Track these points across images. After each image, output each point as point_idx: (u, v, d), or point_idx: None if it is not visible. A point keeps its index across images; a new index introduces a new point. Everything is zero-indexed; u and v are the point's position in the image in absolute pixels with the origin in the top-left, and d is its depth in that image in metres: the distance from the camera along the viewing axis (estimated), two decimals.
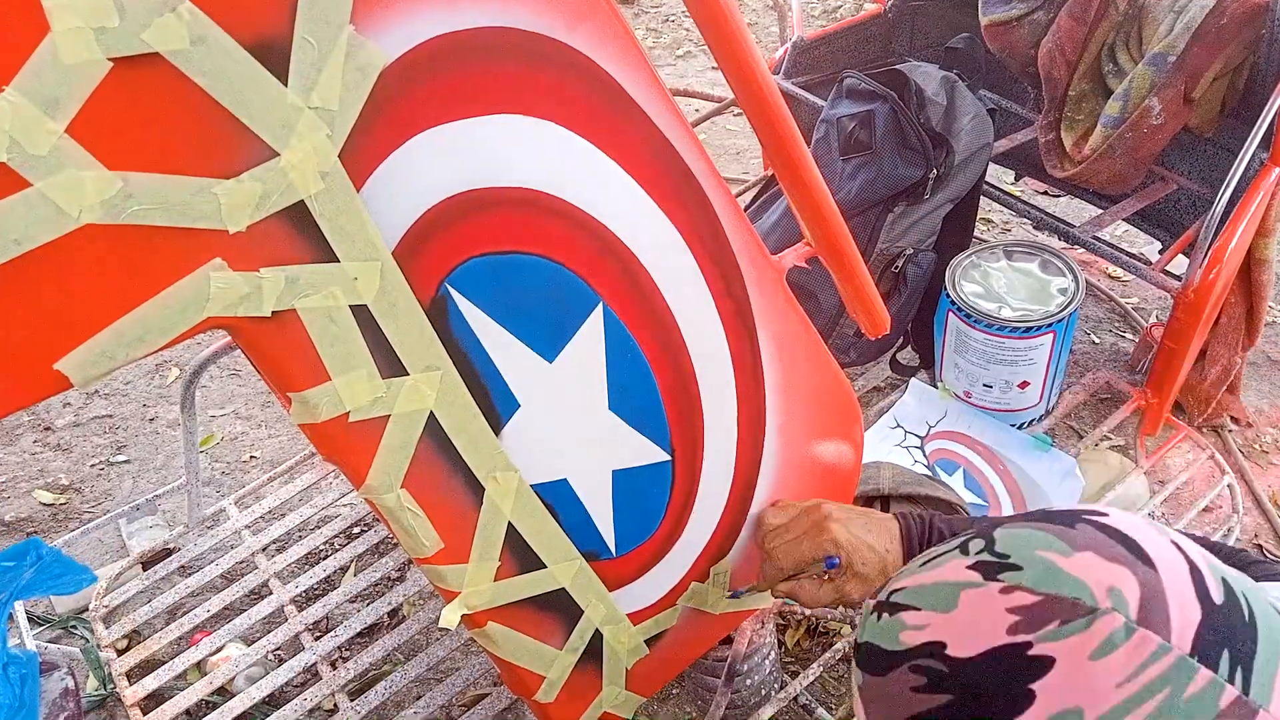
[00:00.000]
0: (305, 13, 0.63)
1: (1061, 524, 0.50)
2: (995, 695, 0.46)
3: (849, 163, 1.73)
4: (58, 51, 0.55)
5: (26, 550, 1.24)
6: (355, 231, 0.72)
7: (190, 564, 1.76)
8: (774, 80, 0.91)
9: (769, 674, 1.50)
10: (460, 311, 0.81)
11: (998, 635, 0.46)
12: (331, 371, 0.74)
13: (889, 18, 2.37)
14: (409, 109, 0.72)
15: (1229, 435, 2.11)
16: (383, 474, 0.81)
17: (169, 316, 0.65)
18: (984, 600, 0.48)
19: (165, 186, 0.62)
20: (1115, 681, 0.44)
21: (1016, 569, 0.48)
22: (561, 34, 0.77)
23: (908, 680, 0.49)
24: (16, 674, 1.22)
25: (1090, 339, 2.36)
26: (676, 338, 0.97)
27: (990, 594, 0.48)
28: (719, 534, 1.13)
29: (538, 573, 0.98)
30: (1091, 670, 0.44)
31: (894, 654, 0.50)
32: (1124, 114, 1.84)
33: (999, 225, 2.80)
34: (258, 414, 2.31)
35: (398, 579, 1.82)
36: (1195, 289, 1.70)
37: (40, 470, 2.19)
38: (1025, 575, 0.48)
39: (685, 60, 3.86)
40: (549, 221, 0.84)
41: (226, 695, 1.58)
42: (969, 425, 1.88)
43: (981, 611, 0.48)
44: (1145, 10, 1.87)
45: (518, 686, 1.06)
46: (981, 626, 0.47)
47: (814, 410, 1.14)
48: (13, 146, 0.56)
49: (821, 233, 1.03)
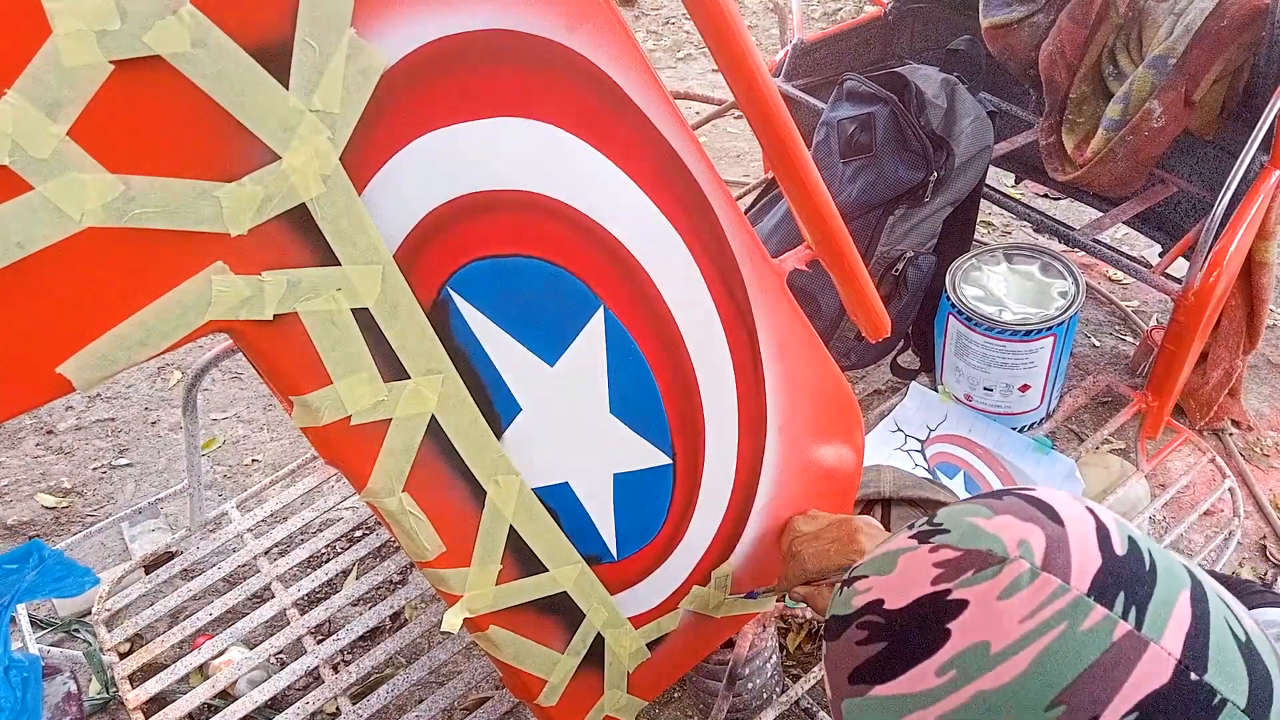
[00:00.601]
0: (306, 15, 0.64)
1: (993, 498, 0.56)
2: (918, 637, 0.51)
3: (849, 165, 1.73)
4: (59, 54, 0.55)
5: (28, 553, 1.23)
6: (357, 234, 0.72)
7: (192, 567, 1.76)
8: (774, 83, 0.92)
9: (771, 678, 1.50)
10: (461, 314, 0.81)
11: (924, 586, 0.52)
12: (333, 375, 0.74)
13: (889, 20, 2.38)
14: (410, 112, 0.72)
15: (1230, 439, 2.11)
16: (384, 477, 0.81)
17: (171, 320, 0.65)
18: (916, 560, 0.54)
19: (167, 190, 0.62)
20: (1019, 617, 0.48)
21: (946, 532, 0.54)
22: (561, 36, 0.78)
23: (854, 636, 0.54)
24: (18, 677, 1.22)
25: (1091, 342, 2.36)
26: (677, 341, 0.97)
27: (921, 554, 0.54)
28: (720, 537, 1.13)
29: (539, 576, 0.97)
30: (999, 609, 0.49)
31: (845, 618, 0.56)
32: (1125, 117, 1.84)
33: (999, 228, 2.80)
34: (260, 417, 2.31)
35: (400, 582, 1.82)
36: (1196, 292, 1.70)
37: (43, 474, 2.19)
38: (951, 536, 0.54)
39: (686, 63, 3.87)
40: (550, 224, 0.84)
41: (228, 699, 1.58)
42: (969, 428, 1.88)
43: (913, 568, 0.53)
44: (1145, 13, 1.87)
45: (520, 690, 1.06)
46: (911, 581, 0.53)
47: (815, 413, 1.14)
48: (14, 149, 0.56)
49: (822, 235, 1.04)
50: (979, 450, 1.84)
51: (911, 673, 0.50)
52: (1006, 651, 0.48)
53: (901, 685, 0.51)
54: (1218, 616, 0.49)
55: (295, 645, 1.65)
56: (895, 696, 0.51)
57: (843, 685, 0.55)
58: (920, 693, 0.50)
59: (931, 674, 0.50)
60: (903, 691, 0.51)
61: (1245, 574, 1.85)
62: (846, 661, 0.54)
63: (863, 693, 0.53)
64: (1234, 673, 0.47)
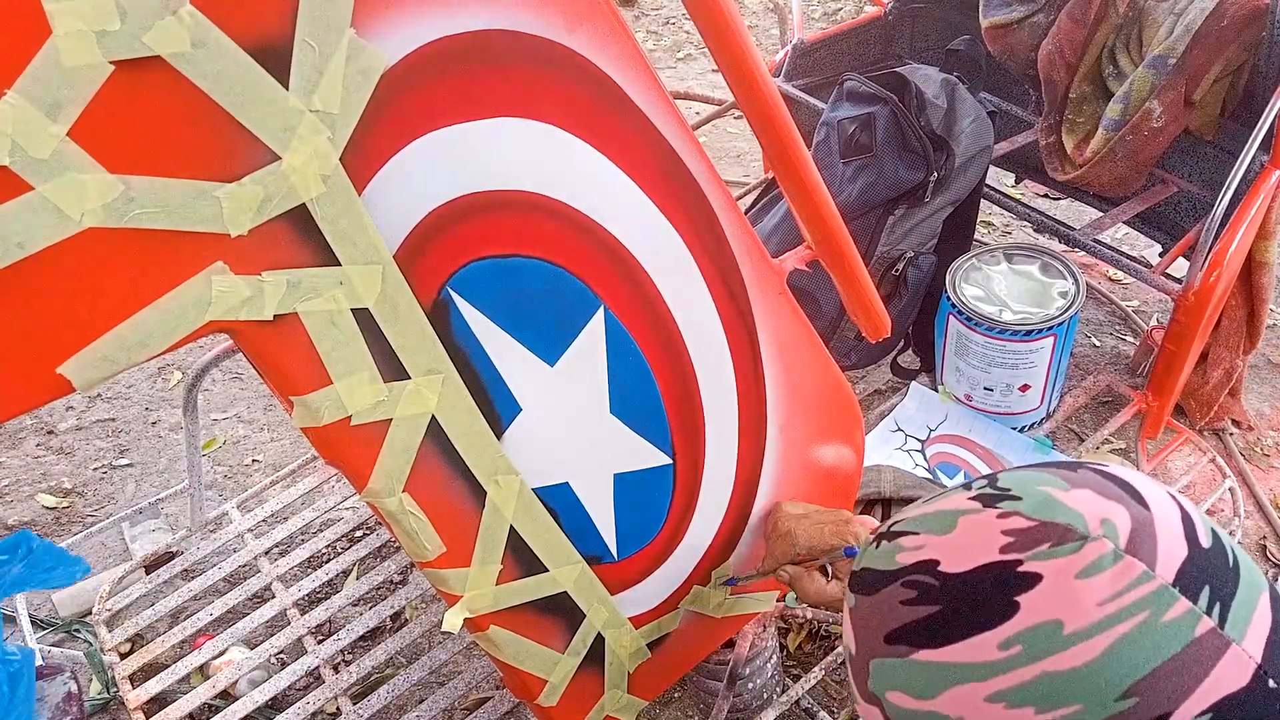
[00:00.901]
0: (306, 16, 0.64)
1: (1065, 469, 0.53)
2: (981, 606, 0.48)
3: (849, 165, 1.73)
4: (59, 54, 0.55)
5: (17, 543, 1.22)
6: (357, 235, 0.72)
7: (193, 567, 1.76)
8: (774, 83, 0.92)
9: (771, 678, 1.50)
10: (462, 315, 0.81)
11: (991, 553, 0.49)
12: (333, 375, 0.75)
13: (889, 20, 2.38)
14: (410, 112, 0.72)
15: (1230, 438, 2.11)
16: (385, 477, 0.81)
17: (171, 320, 0.65)
18: (981, 523, 0.50)
19: (167, 190, 0.62)
20: (1097, 600, 0.46)
21: (1016, 499, 0.51)
22: (561, 36, 0.78)
23: (898, 595, 0.51)
24: (5, 672, 1.19)
25: (1091, 342, 2.36)
26: (677, 341, 0.97)
27: (988, 518, 0.50)
28: (721, 537, 1.13)
29: (540, 576, 0.98)
30: (1076, 588, 0.46)
31: (888, 573, 0.53)
32: (1124, 117, 1.84)
33: (999, 228, 2.80)
34: (260, 417, 2.31)
35: (400, 582, 1.82)
36: (1196, 292, 1.70)
37: (43, 474, 2.19)
38: (1024, 504, 0.50)
39: (686, 63, 3.87)
40: (550, 225, 0.84)
41: (229, 699, 1.58)
42: (970, 428, 1.88)
43: (977, 532, 0.50)
44: (1145, 13, 1.87)
45: (520, 690, 1.06)
46: (976, 545, 0.50)
47: (815, 413, 1.14)
48: (14, 150, 0.56)
49: (822, 235, 1.04)
50: (979, 450, 1.84)
51: (969, 642, 0.48)
52: (1081, 634, 0.46)
53: (955, 653, 0.48)
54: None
55: (296, 645, 1.65)
56: (946, 664, 0.49)
57: (875, 644, 0.52)
58: (977, 664, 0.48)
59: (994, 647, 0.47)
60: (956, 660, 0.48)
61: None
62: (886, 620, 0.52)
63: (903, 655, 0.51)
64: None
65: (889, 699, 0.52)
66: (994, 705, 0.47)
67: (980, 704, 0.47)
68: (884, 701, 0.52)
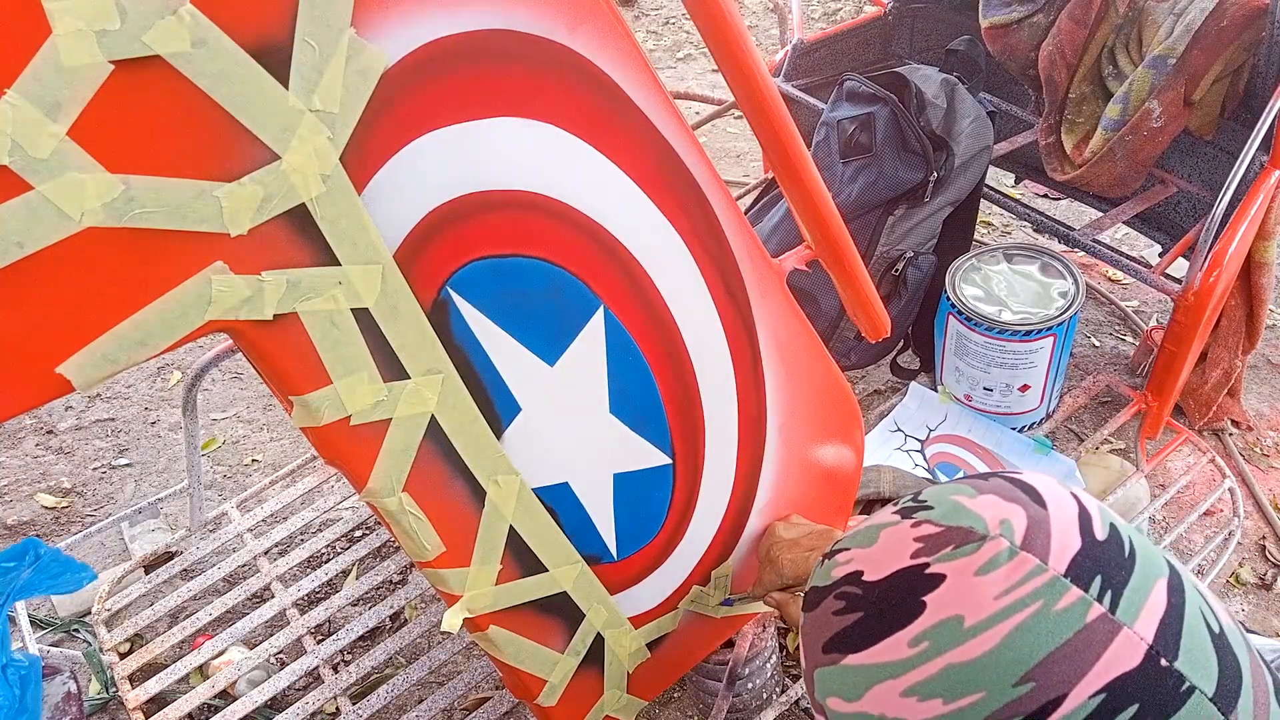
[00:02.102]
0: (306, 15, 0.64)
1: (980, 479, 0.57)
2: (894, 609, 0.52)
3: (849, 165, 1.73)
4: (59, 54, 0.55)
5: (25, 550, 1.23)
6: (356, 234, 0.72)
7: (192, 567, 1.76)
8: (774, 83, 0.92)
9: (770, 678, 1.50)
10: (461, 314, 0.81)
11: (903, 560, 0.53)
12: (333, 375, 0.75)
13: (889, 20, 2.38)
14: (410, 112, 0.72)
15: (1230, 439, 2.11)
16: (384, 477, 0.81)
17: (170, 320, 0.65)
18: (897, 534, 0.54)
19: (167, 189, 0.62)
20: (994, 594, 0.49)
21: (929, 508, 0.55)
22: (562, 36, 0.78)
23: (831, 606, 0.55)
24: (16, 676, 1.22)
25: (1090, 342, 2.36)
26: (677, 341, 0.97)
27: (903, 529, 0.54)
28: (720, 537, 1.13)
29: (539, 576, 0.98)
30: (975, 584, 0.50)
31: (824, 588, 0.56)
32: (1124, 117, 1.84)
33: (999, 228, 2.80)
34: (259, 417, 2.31)
35: (400, 582, 1.82)
36: (1195, 292, 1.70)
37: (43, 474, 2.19)
38: (934, 512, 0.54)
39: (685, 63, 3.87)
40: (550, 224, 0.84)
41: (228, 699, 1.58)
42: (969, 429, 1.88)
43: (893, 542, 0.54)
44: (1145, 13, 1.87)
45: (519, 690, 1.06)
46: (891, 553, 0.54)
47: (815, 413, 1.14)
48: (14, 149, 0.56)
49: (822, 235, 1.04)
50: (979, 450, 1.84)
51: (884, 643, 0.51)
52: (980, 626, 0.49)
53: (874, 655, 0.52)
54: (1193, 606, 0.50)
55: (295, 645, 1.65)
56: (866, 666, 0.52)
57: (817, 655, 0.56)
58: (892, 663, 0.51)
59: (904, 645, 0.50)
60: (874, 661, 0.52)
61: (1245, 574, 1.85)
62: (822, 631, 0.55)
63: (835, 661, 0.54)
64: (1204, 661, 0.48)
65: (829, 705, 0.55)
66: (908, 699, 0.50)
67: (897, 699, 0.51)
68: (826, 708, 0.55)
